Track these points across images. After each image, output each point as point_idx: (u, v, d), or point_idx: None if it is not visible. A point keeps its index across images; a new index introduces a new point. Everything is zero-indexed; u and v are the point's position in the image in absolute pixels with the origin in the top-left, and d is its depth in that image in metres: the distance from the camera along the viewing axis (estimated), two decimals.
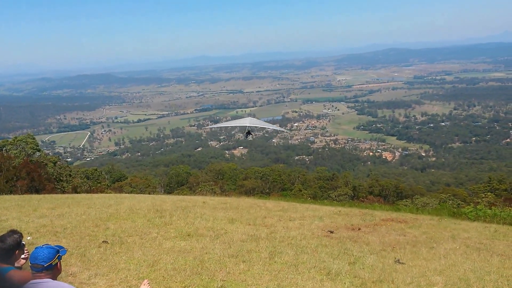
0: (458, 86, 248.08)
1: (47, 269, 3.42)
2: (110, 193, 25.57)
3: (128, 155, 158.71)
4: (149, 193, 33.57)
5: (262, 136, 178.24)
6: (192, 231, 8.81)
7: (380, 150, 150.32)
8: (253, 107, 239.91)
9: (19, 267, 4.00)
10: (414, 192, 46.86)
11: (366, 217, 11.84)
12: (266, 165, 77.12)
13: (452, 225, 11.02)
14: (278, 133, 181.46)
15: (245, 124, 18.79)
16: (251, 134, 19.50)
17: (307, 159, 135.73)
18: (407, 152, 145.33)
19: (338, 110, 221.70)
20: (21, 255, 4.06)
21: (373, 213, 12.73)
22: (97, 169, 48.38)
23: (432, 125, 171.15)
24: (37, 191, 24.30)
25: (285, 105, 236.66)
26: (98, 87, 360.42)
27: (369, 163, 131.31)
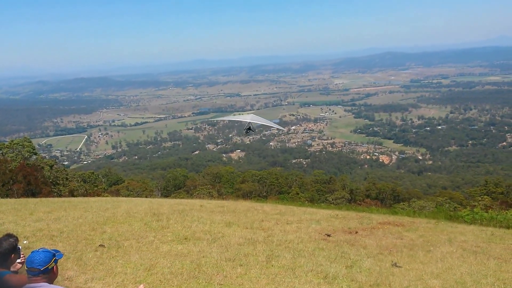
0: (455, 90, 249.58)
1: (44, 273, 3.41)
2: (107, 197, 25.49)
3: (125, 159, 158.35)
4: (146, 197, 33.45)
5: (259, 140, 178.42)
6: (189, 235, 8.79)
7: (377, 154, 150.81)
8: (251, 110, 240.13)
9: (15, 272, 3.97)
10: (411, 195, 46.98)
11: (363, 221, 11.84)
12: (264, 168, 77.12)
13: (449, 229, 11.04)
14: (276, 136, 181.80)
15: (247, 120, 19.38)
16: (252, 130, 19.91)
17: (305, 162, 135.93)
18: (404, 156, 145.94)
19: (335, 114, 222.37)
20: (17, 259, 4.03)
21: (370, 217, 12.73)
22: (94, 173, 48.12)
23: (429, 129, 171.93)
24: (34, 195, 24.19)
25: (283, 109, 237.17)
26: (95, 90, 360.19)
27: (366, 166, 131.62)
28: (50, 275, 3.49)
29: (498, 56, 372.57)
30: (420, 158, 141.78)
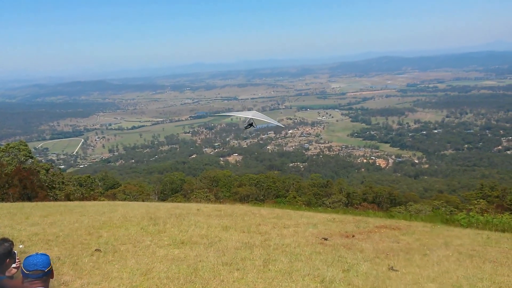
0: (451, 94, 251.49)
1: (47, 275, 3.42)
2: (104, 201, 25.40)
3: (122, 162, 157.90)
4: (143, 201, 33.38)
5: (257, 143, 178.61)
6: (186, 239, 8.77)
7: (374, 157, 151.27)
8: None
9: (10, 277, 3.93)
10: (408, 199, 47.14)
11: (360, 224, 11.86)
12: (261, 172, 77.19)
13: (445, 232, 11.08)
14: (273, 140, 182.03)
15: (248, 116, 19.84)
16: (253, 126, 20.25)
17: (302, 166, 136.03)
18: (401, 159, 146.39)
19: (332, 117, 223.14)
20: (12, 264, 3.99)
21: (367, 220, 12.76)
22: (91, 176, 47.94)
23: (425, 133, 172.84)
24: (29, 199, 24.04)
25: (280, 112, 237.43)
26: (92, 94, 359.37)
27: (363, 170, 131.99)
28: (49, 278, 3.49)
29: (494, 61, 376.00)
30: (417, 162, 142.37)
